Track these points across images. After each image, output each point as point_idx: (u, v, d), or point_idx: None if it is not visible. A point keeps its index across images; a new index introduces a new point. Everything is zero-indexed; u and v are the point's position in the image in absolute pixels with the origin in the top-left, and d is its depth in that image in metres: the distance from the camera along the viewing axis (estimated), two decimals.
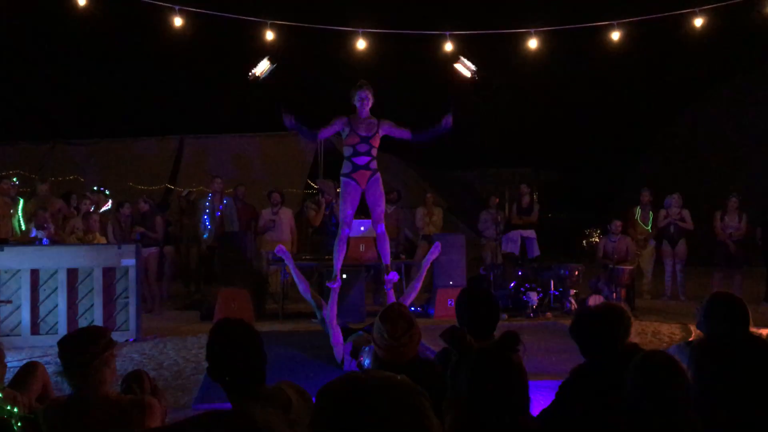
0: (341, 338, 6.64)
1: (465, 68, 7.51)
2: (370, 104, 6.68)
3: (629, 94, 20.78)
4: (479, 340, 3.35)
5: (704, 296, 3.56)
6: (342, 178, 6.84)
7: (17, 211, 9.54)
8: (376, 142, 6.76)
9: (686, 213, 11.08)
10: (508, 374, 2.09)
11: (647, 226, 11.24)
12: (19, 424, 2.81)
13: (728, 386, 1.88)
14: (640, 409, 2.17)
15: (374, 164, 6.80)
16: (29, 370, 3.56)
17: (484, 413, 2.06)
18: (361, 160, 6.72)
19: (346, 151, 6.77)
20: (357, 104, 6.68)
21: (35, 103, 18.49)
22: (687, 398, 2.12)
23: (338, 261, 6.99)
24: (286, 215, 11.06)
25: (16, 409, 2.90)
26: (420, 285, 7.15)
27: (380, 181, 6.86)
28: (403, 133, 6.84)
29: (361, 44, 9.41)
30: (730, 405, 1.88)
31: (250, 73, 6.93)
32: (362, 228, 8.89)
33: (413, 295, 7.05)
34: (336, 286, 6.89)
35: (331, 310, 6.82)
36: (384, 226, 6.97)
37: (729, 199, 10.76)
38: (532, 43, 9.64)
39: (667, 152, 19.96)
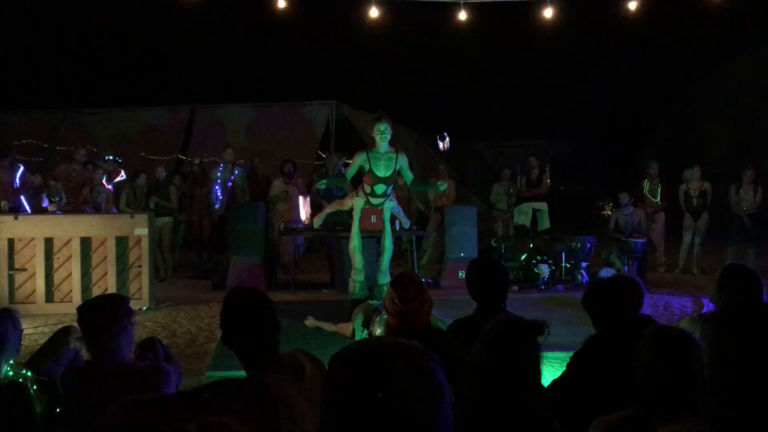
0: None
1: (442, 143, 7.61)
2: (389, 137, 6.68)
3: (644, 65, 20.51)
4: (490, 311, 3.37)
5: (717, 269, 3.54)
6: (355, 199, 6.96)
7: (15, 179, 9.51)
8: (393, 179, 6.86)
9: (708, 185, 10.99)
10: (531, 352, 2.10)
11: (656, 198, 11.18)
12: (35, 387, 2.85)
13: (743, 357, 1.88)
14: (651, 383, 2.17)
15: (388, 201, 6.96)
16: (61, 335, 3.53)
17: (497, 387, 2.07)
18: (377, 201, 6.87)
19: (364, 186, 6.81)
20: (376, 137, 6.67)
21: (46, 71, 18.48)
22: (701, 373, 2.12)
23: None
24: (299, 186, 11.03)
25: (30, 373, 2.94)
26: None
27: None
28: (408, 175, 7.04)
29: (374, 12, 9.31)
30: (744, 376, 1.88)
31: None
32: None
33: None
34: None
35: None
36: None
37: (744, 171, 10.66)
38: (547, 12, 9.51)
39: (681, 124, 19.75)
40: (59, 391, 2.85)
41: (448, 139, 7.51)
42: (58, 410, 2.88)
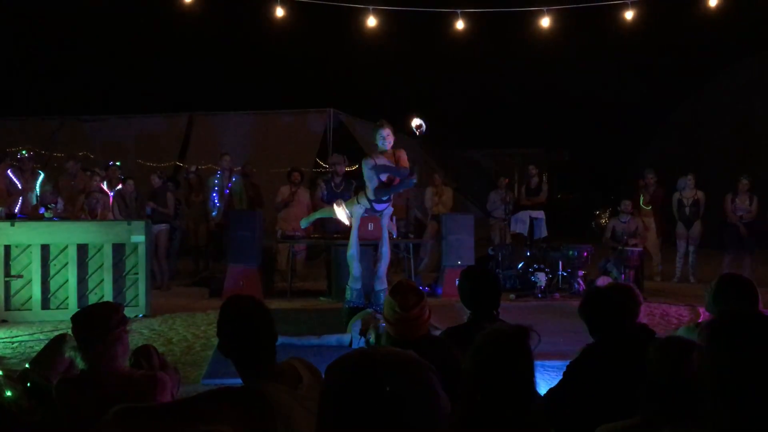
0: None
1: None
2: (392, 140, 6.76)
3: (641, 73, 20.60)
4: (483, 319, 3.37)
5: (713, 279, 3.55)
6: (355, 206, 7.00)
7: (35, 186, 9.53)
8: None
9: (701, 194, 11.01)
10: (519, 360, 2.10)
11: (650, 207, 11.21)
12: (8, 393, 2.83)
13: (738, 366, 1.87)
14: (659, 391, 2.17)
15: (388, 207, 7.09)
16: (56, 344, 3.51)
17: (491, 395, 2.07)
18: (381, 206, 6.99)
19: (368, 192, 6.86)
20: (379, 143, 6.76)
21: (45, 78, 18.50)
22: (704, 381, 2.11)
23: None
24: (304, 194, 10.96)
25: (1, 372, 2.92)
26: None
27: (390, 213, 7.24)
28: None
29: (371, 21, 9.34)
30: (739, 385, 1.88)
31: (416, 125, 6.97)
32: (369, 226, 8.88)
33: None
34: None
35: None
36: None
37: (739, 180, 10.67)
38: (544, 22, 9.55)
39: (678, 132, 19.81)
40: (55, 401, 2.84)
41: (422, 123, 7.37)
42: (29, 383, 2.88)
